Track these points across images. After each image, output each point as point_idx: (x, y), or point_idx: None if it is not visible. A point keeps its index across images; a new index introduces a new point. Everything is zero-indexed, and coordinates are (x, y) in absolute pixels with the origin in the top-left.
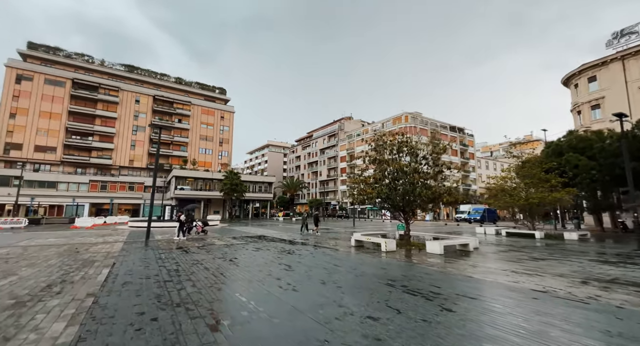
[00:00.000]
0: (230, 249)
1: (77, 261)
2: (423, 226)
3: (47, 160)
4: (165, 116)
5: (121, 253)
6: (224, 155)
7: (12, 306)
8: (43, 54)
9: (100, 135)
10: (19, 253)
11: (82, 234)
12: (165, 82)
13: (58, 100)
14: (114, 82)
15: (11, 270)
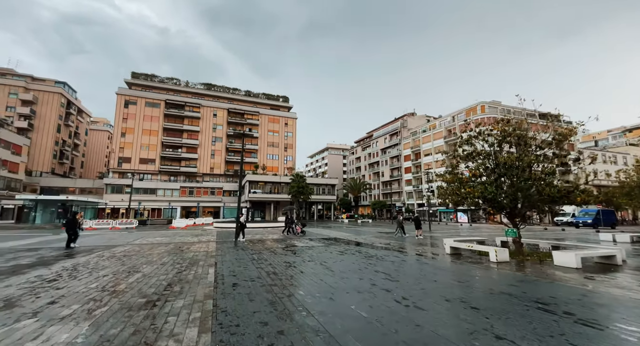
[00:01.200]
0: (313, 251)
1: (184, 260)
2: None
3: (149, 170)
4: (238, 126)
5: (218, 253)
6: (289, 160)
7: (145, 305)
8: (143, 81)
9: (187, 147)
10: (136, 251)
11: (180, 234)
12: (236, 96)
13: (155, 119)
14: (196, 99)
15: (135, 267)
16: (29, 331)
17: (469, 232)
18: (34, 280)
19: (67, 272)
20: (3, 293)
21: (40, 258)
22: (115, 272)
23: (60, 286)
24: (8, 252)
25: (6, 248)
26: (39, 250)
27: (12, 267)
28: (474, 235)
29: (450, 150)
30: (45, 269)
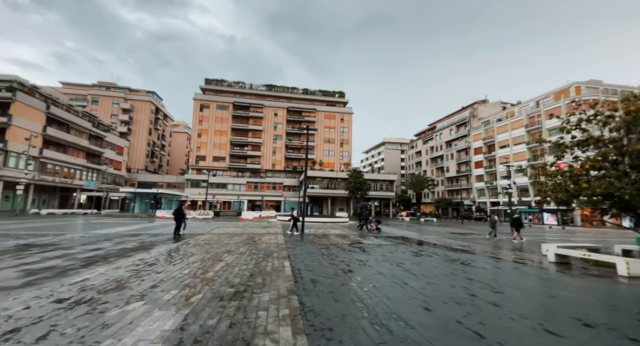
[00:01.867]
0: (384, 250)
1: (259, 251)
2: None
3: (220, 167)
4: (296, 124)
5: (287, 246)
6: (345, 156)
7: (234, 296)
8: (214, 86)
9: (252, 145)
10: (215, 240)
11: (250, 225)
12: (294, 95)
13: (225, 120)
14: (259, 100)
15: (217, 255)
16: (138, 314)
17: (564, 235)
18: (138, 263)
19: (163, 257)
20: (115, 275)
21: (141, 243)
22: (202, 259)
23: (159, 270)
24: (116, 237)
25: (114, 233)
26: (139, 235)
27: (120, 250)
28: (573, 240)
29: (533, 139)
30: (146, 253)
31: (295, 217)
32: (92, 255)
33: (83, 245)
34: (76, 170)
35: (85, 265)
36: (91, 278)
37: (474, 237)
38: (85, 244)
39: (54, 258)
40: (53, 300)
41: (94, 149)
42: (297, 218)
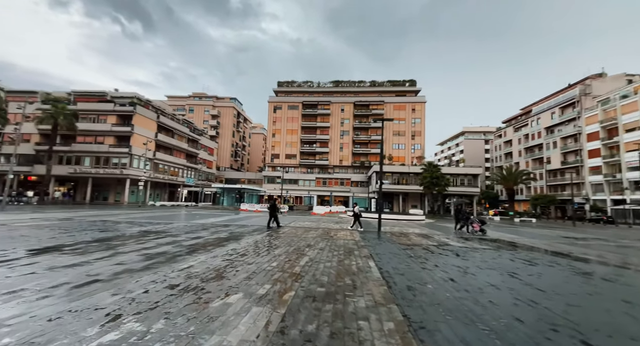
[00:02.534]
0: (483, 255)
1: (338, 247)
2: None
3: (292, 164)
4: (364, 118)
5: (366, 243)
6: (417, 148)
7: (327, 297)
8: (285, 88)
9: (320, 142)
10: (294, 233)
11: (322, 220)
12: (361, 88)
13: (295, 119)
14: (326, 98)
15: (300, 249)
16: (238, 309)
17: None
18: (231, 252)
19: (251, 248)
20: (214, 264)
21: (231, 234)
22: (286, 253)
23: (250, 261)
24: (211, 227)
25: (209, 224)
26: (229, 226)
27: (216, 240)
28: None
29: None
30: (236, 243)
31: (356, 213)
32: (193, 243)
33: (186, 233)
34: (179, 169)
35: (189, 252)
36: (195, 266)
37: (600, 244)
38: (188, 232)
39: (165, 244)
40: (166, 285)
41: (191, 151)
42: (359, 215)
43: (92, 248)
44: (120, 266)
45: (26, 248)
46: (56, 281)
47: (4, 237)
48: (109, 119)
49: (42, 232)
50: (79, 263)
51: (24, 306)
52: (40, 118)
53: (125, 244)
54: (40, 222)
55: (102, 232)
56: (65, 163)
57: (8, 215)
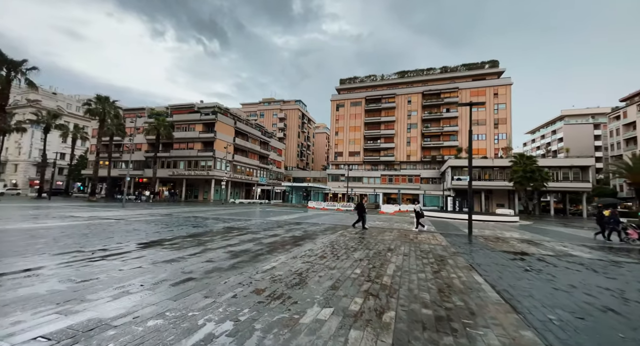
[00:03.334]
0: (633, 273)
1: (425, 254)
2: None
3: (355, 161)
4: (434, 109)
5: (457, 249)
6: (501, 138)
7: (438, 324)
8: (347, 85)
9: (385, 137)
10: (368, 233)
11: (394, 220)
12: (431, 76)
13: (358, 116)
14: (390, 90)
15: (380, 253)
16: (333, 330)
17: None
18: (309, 254)
19: (328, 249)
20: (295, 266)
21: (305, 232)
22: (367, 257)
23: (331, 266)
24: (285, 224)
25: (282, 221)
26: (301, 224)
27: (292, 238)
28: None
29: None
30: (312, 243)
31: (418, 212)
32: (272, 242)
33: (264, 230)
34: (253, 169)
35: (269, 251)
36: (277, 267)
37: None
38: (265, 230)
39: (247, 241)
40: (252, 289)
41: (263, 152)
42: (421, 213)
43: (186, 243)
44: (210, 263)
45: (137, 242)
46: (157, 277)
47: (122, 230)
48: (197, 127)
49: (149, 227)
50: (176, 259)
51: (130, 304)
52: (147, 130)
53: (213, 240)
54: (148, 217)
55: (194, 227)
56: (166, 167)
57: (127, 211)
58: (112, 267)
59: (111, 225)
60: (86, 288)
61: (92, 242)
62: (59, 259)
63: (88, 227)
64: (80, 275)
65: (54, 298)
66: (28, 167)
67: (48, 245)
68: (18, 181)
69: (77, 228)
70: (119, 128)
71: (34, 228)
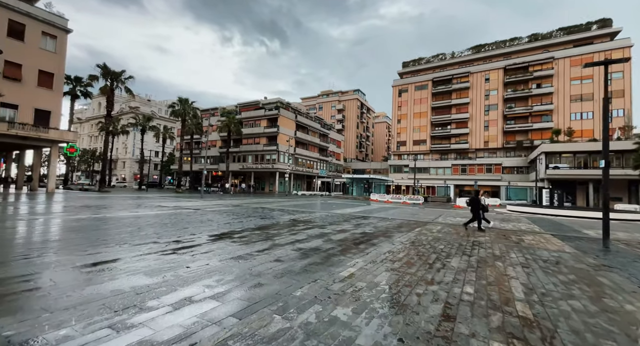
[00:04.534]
0: None
1: (554, 266)
2: None
3: (421, 150)
4: (519, 85)
5: (598, 260)
6: (618, 116)
7: None
8: (411, 67)
9: (457, 123)
10: (453, 232)
11: None
12: (515, 47)
13: (424, 101)
14: (463, 69)
15: (486, 262)
16: None
17: None
18: (391, 258)
19: (413, 253)
20: (379, 275)
21: (376, 228)
22: (471, 267)
23: (427, 278)
24: (350, 218)
25: (347, 214)
26: (367, 218)
27: (363, 235)
28: None
29: None
30: (389, 244)
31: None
32: (342, 238)
33: (331, 224)
34: (313, 161)
35: (342, 250)
36: (356, 275)
37: None
38: (332, 223)
39: (315, 237)
40: (332, 311)
41: (322, 145)
42: (486, 207)
43: (254, 237)
44: (279, 264)
45: (208, 233)
46: (224, 279)
47: (197, 220)
48: (262, 123)
49: (221, 217)
50: (244, 256)
51: (189, 320)
52: (220, 128)
53: (280, 234)
54: (222, 207)
55: (262, 219)
56: (236, 161)
57: (205, 201)
58: (181, 263)
59: (189, 215)
60: (150, 290)
61: (169, 233)
62: (136, 251)
63: (169, 217)
64: (149, 272)
65: (114, 303)
66: (132, 164)
67: (132, 235)
68: (125, 175)
69: (160, 218)
70: (197, 127)
71: (126, 216)
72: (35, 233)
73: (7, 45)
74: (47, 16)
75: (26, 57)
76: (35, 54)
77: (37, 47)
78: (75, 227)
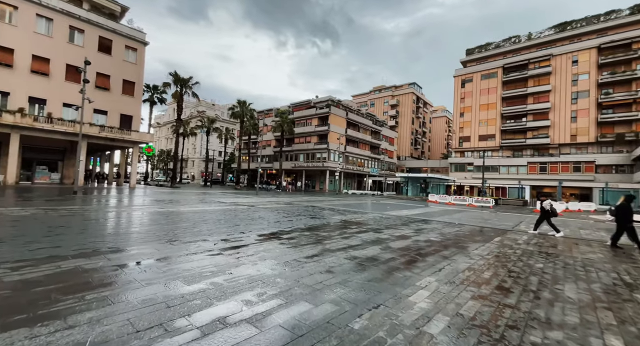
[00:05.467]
0: None
1: None
2: None
3: (488, 146)
4: (619, 67)
5: None
6: None
7: None
8: (477, 54)
9: (534, 114)
10: (547, 244)
11: (567, 223)
12: (613, 21)
13: (492, 90)
14: (543, 51)
15: (617, 293)
16: None
17: None
18: (474, 278)
19: (503, 272)
20: (465, 306)
21: (444, 236)
22: (601, 303)
23: (539, 316)
24: (409, 221)
25: (404, 217)
26: (430, 222)
27: (428, 244)
28: None
29: None
30: (465, 257)
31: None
32: (403, 247)
33: (387, 228)
34: (364, 160)
35: (406, 263)
36: (432, 302)
37: None
38: (388, 227)
39: (371, 243)
40: None
41: (374, 142)
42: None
43: (303, 239)
44: (331, 277)
45: (257, 232)
46: (266, 294)
47: (249, 217)
48: (313, 122)
49: (272, 215)
50: (292, 262)
51: None
52: (274, 128)
53: (331, 237)
54: (274, 204)
55: (312, 218)
56: (289, 160)
57: (259, 198)
58: (225, 266)
59: (243, 211)
60: (183, 302)
61: (220, 230)
62: (184, 250)
63: (224, 213)
64: (189, 277)
65: (140, 320)
66: (199, 162)
67: (185, 231)
68: (194, 173)
69: (215, 214)
70: (254, 127)
71: (185, 211)
72: (89, 228)
73: (99, 59)
74: (129, 31)
75: (113, 68)
76: (120, 65)
77: (121, 59)
78: (137, 222)
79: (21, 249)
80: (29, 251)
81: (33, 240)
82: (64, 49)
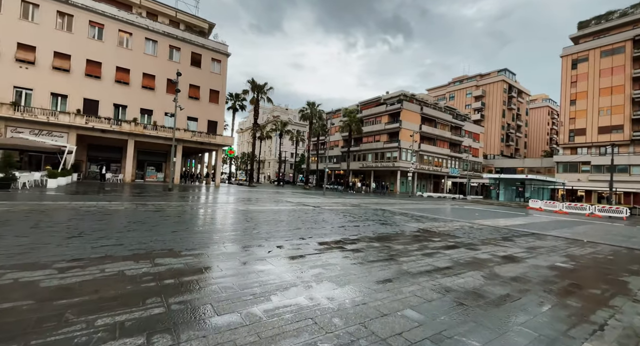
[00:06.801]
0: None
1: None
2: None
3: (613, 141)
4: None
5: None
6: None
7: None
8: (594, 27)
9: None
10: None
11: None
12: None
13: (617, 70)
14: None
15: None
16: None
17: None
18: None
19: None
20: None
21: (572, 260)
22: None
23: None
24: (515, 236)
25: (503, 228)
26: (544, 238)
27: (554, 272)
28: None
29: None
30: (632, 302)
31: None
32: (518, 275)
33: (484, 244)
34: (442, 159)
35: (536, 306)
36: None
37: None
38: (485, 242)
39: (467, 267)
40: None
41: (454, 139)
42: None
43: (372, 252)
44: (416, 324)
45: (318, 239)
46: (317, 338)
47: (312, 220)
48: (382, 119)
49: (337, 218)
50: (357, 289)
51: None
52: (342, 128)
53: (408, 252)
54: (340, 206)
55: (382, 225)
56: (356, 160)
57: (326, 198)
58: (271, 289)
59: (307, 212)
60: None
61: (280, 233)
62: (234, 258)
63: (289, 213)
64: (225, 300)
65: None
66: (274, 164)
67: (246, 233)
68: (270, 173)
69: (280, 214)
70: (322, 128)
71: (253, 210)
72: (148, 224)
73: (190, 72)
74: (215, 45)
75: (202, 79)
76: (207, 76)
77: (208, 71)
78: (200, 221)
79: (87, 245)
80: (92, 248)
81: (105, 236)
82: (165, 65)
